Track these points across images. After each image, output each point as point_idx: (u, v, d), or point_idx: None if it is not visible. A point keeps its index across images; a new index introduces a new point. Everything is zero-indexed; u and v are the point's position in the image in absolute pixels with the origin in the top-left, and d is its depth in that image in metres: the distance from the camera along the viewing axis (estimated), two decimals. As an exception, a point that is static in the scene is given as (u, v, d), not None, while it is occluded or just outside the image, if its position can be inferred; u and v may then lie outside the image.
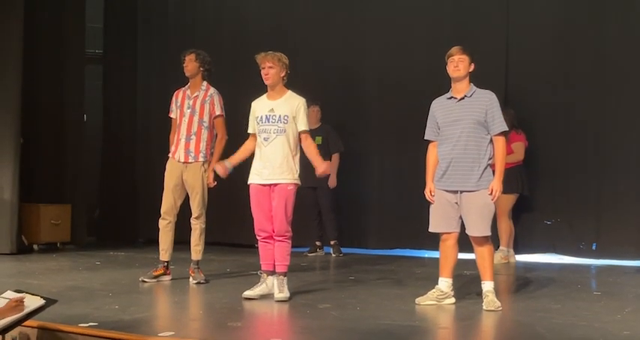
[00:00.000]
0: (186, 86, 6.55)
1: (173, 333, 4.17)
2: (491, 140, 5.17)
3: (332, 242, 8.69)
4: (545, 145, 8.26)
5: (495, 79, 7.86)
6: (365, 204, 9.09)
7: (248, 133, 5.69)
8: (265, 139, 5.48)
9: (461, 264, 5.50)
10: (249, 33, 9.63)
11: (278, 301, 5.32)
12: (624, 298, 5.67)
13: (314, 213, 8.70)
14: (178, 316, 5.12)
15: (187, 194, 6.40)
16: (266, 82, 5.55)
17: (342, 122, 8.96)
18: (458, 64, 5.17)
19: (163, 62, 9.98)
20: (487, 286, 5.12)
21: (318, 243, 8.78)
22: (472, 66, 5.22)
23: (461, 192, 5.14)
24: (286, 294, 5.38)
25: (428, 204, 5.31)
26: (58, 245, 9.25)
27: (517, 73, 8.43)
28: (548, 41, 8.31)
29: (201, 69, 6.44)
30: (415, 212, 7.83)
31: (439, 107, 5.31)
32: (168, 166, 6.45)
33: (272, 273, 5.51)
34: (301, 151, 5.60)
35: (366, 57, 9.15)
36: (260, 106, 5.59)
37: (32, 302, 3.96)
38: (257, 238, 5.58)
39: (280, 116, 5.46)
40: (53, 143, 9.17)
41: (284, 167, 5.42)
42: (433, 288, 5.25)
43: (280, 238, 5.45)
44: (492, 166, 5.18)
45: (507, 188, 5.17)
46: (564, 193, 8.20)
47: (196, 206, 6.35)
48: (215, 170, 5.87)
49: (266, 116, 5.50)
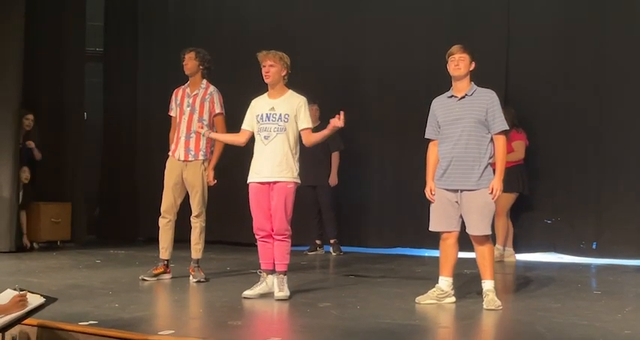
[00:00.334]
0: (185, 84, 6.53)
1: (173, 332, 4.17)
2: (491, 139, 5.16)
3: (332, 240, 8.69)
4: (545, 144, 8.26)
5: (496, 78, 7.86)
6: (365, 203, 9.09)
7: (242, 128, 5.65)
8: (265, 137, 5.47)
9: (461, 263, 5.50)
10: (249, 31, 9.63)
11: (278, 300, 5.31)
12: (624, 297, 5.67)
13: (314, 212, 8.70)
14: (178, 314, 5.12)
15: (187, 192, 6.39)
16: (266, 81, 5.54)
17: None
18: (458, 63, 5.16)
19: (163, 60, 9.97)
20: (487, 285, 5.11)
21: (318, 242, 8.78)
22: (473, 65, 5.21)
23: (461, 191, 5.14)
24: (286, 293, 5.37)
25: (428, 203, 5.30)
26: (58, 243, 9.26)
27: (517, 72, 8.43)
28: (548, 40, 8.31)
29: (200, 67, 6.43)
30: (415, 211, 7.85)
31: (440, 106, 5.30)
32: (168, 165, 6.44)
33: (272, 272, 5.51)
34: (301, 151, 5.59)
35: (367, 56, 9.15)
36: (260, 105, 5.57)
37: (32, 300, 3.95)
38: (255, 237, 5.58)
39: (281, 115, 5.46)
40: (53, 141, 9.16)
41: (283, 165, 5.41)
42: (433, 287, 5.25)
43: (280, 237, 5.44)
44: (493, 165, 5.18)
45: (507, 187, 5.17)
46: (564, 192, 8.20)
47: (196, 204, 6.34)
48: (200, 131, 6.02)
49: (267, 114, 5.49)
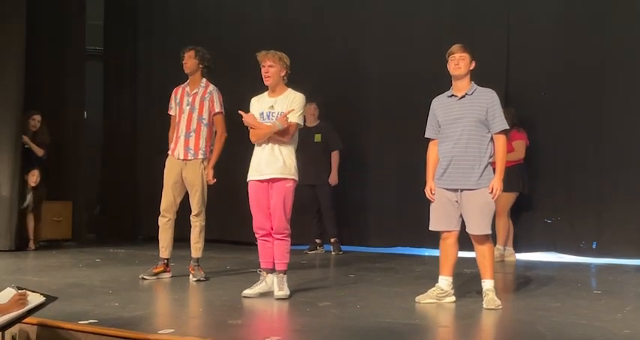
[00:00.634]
0: (185, 83, 6.52)
1: (173, 331, 4.17)
2: (492, 138, 5.16)
3: (332, 239, 8.68)
4: (545, 144, 8.26)
5: (496, 78, 7.85)
6: (365, 202, 9.09)
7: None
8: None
9: (461, 263, 5.50)
10: (249, 30, 9.62)
11: (278, 299, 5.31)
12: (624, 297, 5.66)
13: (313, 211, 8.69)
14: (178, 313, 5.12)
15: (187, 191, 6.39)
16: (266, 82, 5.51)
17: (343, 120, 8.95)
18: (459, 62, 5.16)
19: (163, 59, 9.97)
20: (487, 284, 5.11)
21: (318, 241, 8.77)
22: (473, 64, 5.21)
23: (461, 191, 5.13)
24: (286, 292, 5.37)
25: (428, 203, 5.30)
26: (63, 243, 9.25)
27: (518, 72, 8.42)
28: (549, 40, 8.30)
29: (200, 66, 6.42)
30: (415, 210, 7.83)
31: (440, 105, 5.30)
32: (167, 163, 6.44)
33: (271, 271, 5.50)
34: (301, 150, 5.58)
35: (367, 55, 9.15)
36: (260, 103, 5.56)
37: (32, 299, 3.95)
38: (255, 236, 5.58)
39: (279, 113, 5.44)
40: (54, 140, 9.15)
41: (282, 163, 5.40)
42: (433, 287, 5.25)
43: (280, 236, 5.43)
44: (493, 164, 5.18)
45: (507, 186, 5.17)
46: (565, 192, 8.19)
47: (196, 203, 6.33)
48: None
49: (266, 113, 5.48)
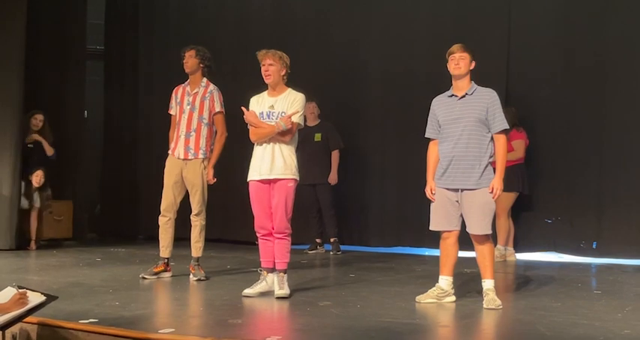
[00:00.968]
0: (185, 82, 6.52)
1: (173, 330, 4.18)
2: (492, 138, 5.17)
3: (332, 239, 8.68)
4: (546, 144, 8.25)
5: (496, 78, 7.85)
6: (366, 202, 9.08)
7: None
8: (265, 135, 5.47)
9: (461, 262, 5.50)
10: (250, 29, 9.62)
11: (278, 298, 5.32)
12: (625, 297, 5.66)
13: (314, 210, 8.69)
14: (178, 313, 5.11)
15: (187, 191, 6.39)
16: (266, 81, 5.52)
17: (343, 120, 8.95)
18: (459, 62, 5.16)
19: (164, 58, 9.96)
20: (487, 284, 5.11)
21: (318, 241, 8.77)
22: (473, 64, 5.21)
23: (462, 191, 5.14)
24: (287, 291, 5.38)
25: (428, 202, 5.30)
26: (63, 242, 9.26)
27: (518, 72, 8.41)
28: (549, 39, 8.29)
29: (201, 65, 6.42)
30: (416, 210, 7.84)
31: (440, 105, 5.30)
32: (167, 163, 6.44)
33: (272, 271, 5.51)
34: (301, 150, 5.58)
35: (368, 55, 9.13)
36: (260, 103, 5.57)
37: (33, 298, 3.96)
38: (257, 235, 5.58)
39: (279, 113, 5.45)
40: (54, 139, 9.15)
41: (283, 163, 5.40)
42: (434, 286, 5.25)
43: (280, 235, 5.44)
44: (493, 164, 5.18)
45: (507, 186, 5.18)
46: (565, 192, 8.18)
47: (196, 203, 6.33)
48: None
49: (266, 113, 5.48)
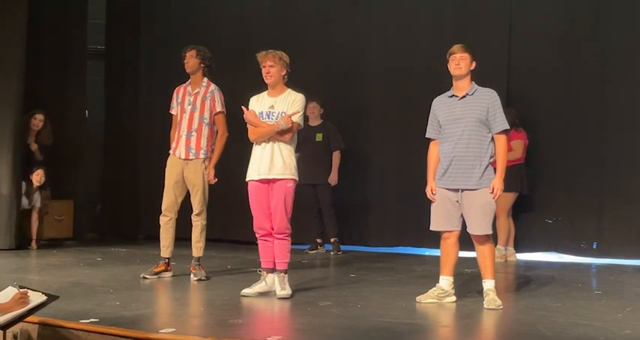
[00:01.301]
0: (187, 82, 6.53)
1: (174, 330, 4.18)
2: (492, 138, 5.17)
3: (332, 239, 8.68)
4: (546, 144, 8.25)
5: (497, 78, 7.85)
6: (366, 202, 9.08)
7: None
8: (265, 135, 5.47)
9: (462, 262, 5.51)
10: (250, 29, 9.61)
11: (280, 298, 5.32)
12: (625, 297, 5.67)
13: (314, 211, 8.69)
14: (179, 313, 5.12)
15: (188, 191, 6.39)
16: (267, 81, 5.54)
17: (344, 120, 8.94)
18: (459, 62, 5.17)
19: (165, 58, 9.95)
20: (488, 284, 5.12)
21: (318, 241, 8.76)
22: (473, 64, 5.21)
23: (462, 191, 5.14)
24: (288, 292, 5.38)
25: (429, 203, 5.31)
26: (61, 241, 9.26)
27: (519, 72, 8.41)
28: (550, 40, 8.29)
29: (201, 65, 6.42)
30: (416, 210, 7.83)
31: (440, 105, 5.30)
32: (168, 163, 6.45)
33: (272, 271, 5.51)
34: (302, 149, 5.58)
35: (369, 55, 9.13)
36: (260, 103, 5.57)
37: (34, 298, 3.96)
38: (256, 236, 5.58)
39: (279, 113, 5.45)
40: (55, 138, 9.16)
41: (282, 163, 5.41)
42: (434, 286, 5.25)
43: (280, 235, 5.44)
44: (494, 164, 5.18)
45: (507, 186, 5.18)
46: (565, 192, 8.18)
47: (197, 203, 6.34)
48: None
49: (266, 113, 5.49)
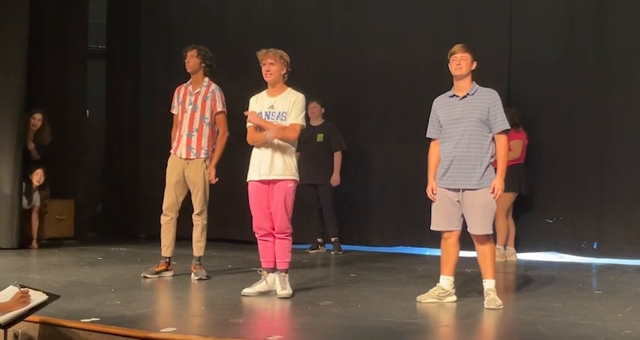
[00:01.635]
0: (187, 82, 6.53)
1: (175, 329, 4.18)
2: (493, 138, 5.17)
3: (332, 239, 8.69)
4: (547, 144, 8.26)
5: (498, 78, 7.85)
6: (367, 202, 9.08)
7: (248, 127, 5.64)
8: (265, 135, 5.47)
9: (462, 262, 5.51)
10: (251, 29, 9.62)
11: (281, 298, 5.32)
12: (625, 297, 5.67)
13: (315, 210, 8.70)
14: (180, 312, 5.12)
15: (189, 190, 6.40)
16: (267, 79, 5.53)
17: (344, 119, 8.94)
18: (460, 62, 5.17)
19: (166, 57, 9.97)
20: (488, 284, 5.12)
21: (319, 240, 8.77)
22: (474, 64, 5.21)
23: (463, 191, 5.14)
24: (289, 291, 5.38)
25: (430, 202, 5.31)
26: (61, 240, 9.27)
27: (520, 72, 8.41)
28: (551, 40, 8.29)
29: (202, 65, 6.43)
30: (417, 210, 7.84)
31: (441, 105, 5.30)
32: (169, 162, 6.45)
33: (272, 271, 5.51)
34: (303, 149, 5.58)
35: (370, 54, 9.13)
36: (260, 102, 5.57)
37: (35, 297, 3.96)
38: (256, 236, 5.58)
39: (280, 113, 5.45)
40: (55, 138, 9.17)
41: (282, 164, 5.41)
42: (434, 286, 5.26)
43: (281, 235, 5.45)
44: (494, 164, 5.19)
45: (506, 186, 5.18)
46: (566, 192, 8.19)
47: (198, 202, 6.34)
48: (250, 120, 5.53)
49: (266, 113, 5.48)
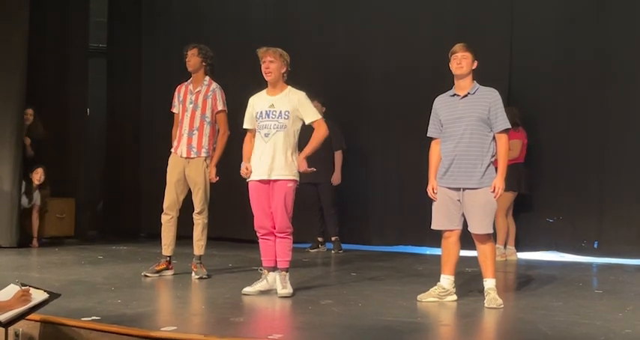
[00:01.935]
0: (188, 81, 6.53)
1: (175, 328, 4.18)
2: (494, 137, 5.17)
3: (333, 238, 8.69)
4: (547, 143, 8.26)
5: (499, 77, 7.85)
6: (367, 201, 9.09)
7: (245, 129, 5.66)
8: (266, 135, 5.44)
9: (463, 261, 5.51)
10: (251, 28, 9.61)
11: (281, 297, 5.33)
12: (626, 296, 5.67)
13: (315, 209, 8.70)
14: (180, 311, 5.12)
15: (190, 189, 6.40)
16: (266, 77, 5.52)
17: (345, 119, 8.94)
18: (461, 61, 5.17)
19: (167, 56, 9.97)
20: (489, 283, 5.12)
21: (320, 239, 8.78)
22: (475, 63, 5.21)
23: (463, 190, 5.15)
24: (289, 290, 5.38)
25: (430, 201, 5.31)
26: (62, 239, 9.27)
27: (520, 71, 8.41)
28: (551, 39, 8.29)
29: (203, 64, 6.42)
30: (417, 209, 7.83)
31: (442, 104, 5.30)
32: (170, 161, 6.45)
33: (273, 269, 5.52)
34: (303, 148, 5.57)
35: (370, 54, 9.13)
36: (259, 102, 5.56)
37: (36, 295, 3.96)
38: (257, 235, 5.59)
39: (281, 112, 5.44)
40: (56, 137, 9.17)
41: (283, 163, 5.40)
42: (435, 285, 5.26)
43: (282, 234, 5.45)
44: (495, 163, 5.19)
45: (505, 186, 5.18)
46: (566, 191, 8.19)
47: (199, 201, 6.34)
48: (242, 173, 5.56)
49: (266, 112, 5.47)
